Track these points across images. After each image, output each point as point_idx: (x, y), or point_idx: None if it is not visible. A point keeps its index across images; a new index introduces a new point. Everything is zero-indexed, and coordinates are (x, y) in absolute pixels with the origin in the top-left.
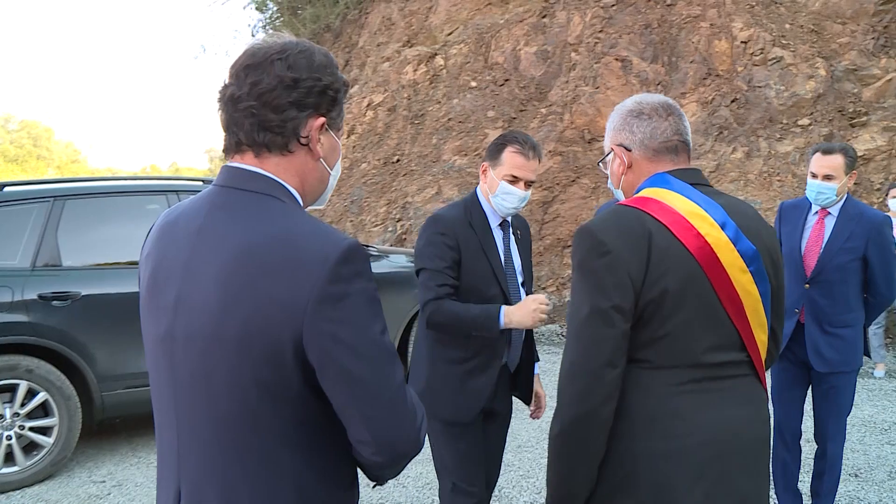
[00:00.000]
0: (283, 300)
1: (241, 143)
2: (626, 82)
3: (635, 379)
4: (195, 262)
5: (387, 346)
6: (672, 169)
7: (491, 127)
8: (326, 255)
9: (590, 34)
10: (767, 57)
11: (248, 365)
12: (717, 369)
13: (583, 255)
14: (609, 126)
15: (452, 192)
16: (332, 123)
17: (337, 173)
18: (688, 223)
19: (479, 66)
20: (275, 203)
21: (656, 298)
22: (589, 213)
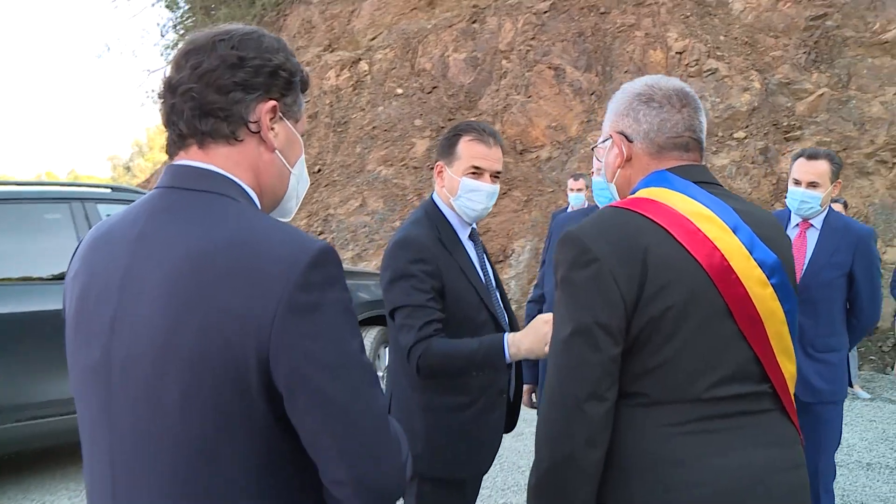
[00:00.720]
0: (245, 312)
1: (182, 135)
2: (559, 91)
3: (628, 418)
4: (135, 274)
5: (366, 366)
6: (677, 166)
7: (418, 136)
8: (295, 259)
9: (521, 41)
10: (703, 68)
11: (206, 390)
12: (730, 404)
13: (567, 265)
14: (611, 108)
15: (377, 204)
16: (288, 111)
17: (301, 175)
18: (692, 226)
19: (405, 73)
20: (228, 203)
21: (654, 318)
22: (521, 226)
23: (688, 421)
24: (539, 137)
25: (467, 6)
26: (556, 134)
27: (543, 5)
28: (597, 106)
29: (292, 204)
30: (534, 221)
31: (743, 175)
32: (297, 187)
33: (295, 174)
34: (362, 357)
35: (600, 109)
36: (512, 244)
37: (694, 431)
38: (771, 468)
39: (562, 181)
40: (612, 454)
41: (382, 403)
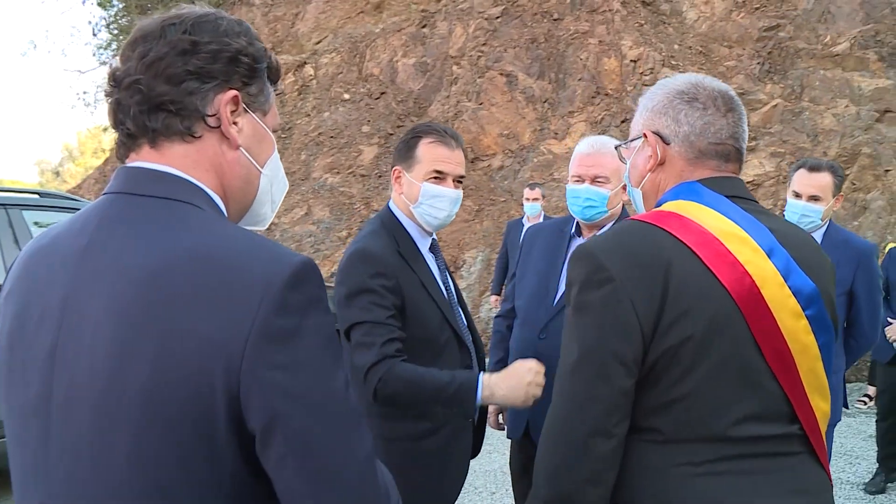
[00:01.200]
0: (211, 340)
1: (131, 134)
2: (511, 98)
3: (641, 455)
4: (80, 294)
5: (352, 404)
6: (710, 177)
7: (366, 143)
8: (271, 276)
9: (473, 47)
10: (657, 77)
11: (163, 432)
12: (754, 445)
13: (578, 284)
14: (644, 104)
15: (324, 212)
16: (253, 102)
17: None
18: (722, 247)
19: (352, 78)
20: (190, 211)
21: (673, 347)
22: (472, 236)
23: (707, 461)
24: (491, 145)
25: (416, 10)
26: (509, 142)
27: (495, 10)
28: (550, 114)
29: (266, 210)
30: (485, 231)
31: None
32: (271, 190)
33: (266, 175)
34: (347, 392)
35: (553, 117)
36: (463, 255)
37: (714, 473)
38: None
39: (514, 190)
40: (623, 494)
41: (369, 447)
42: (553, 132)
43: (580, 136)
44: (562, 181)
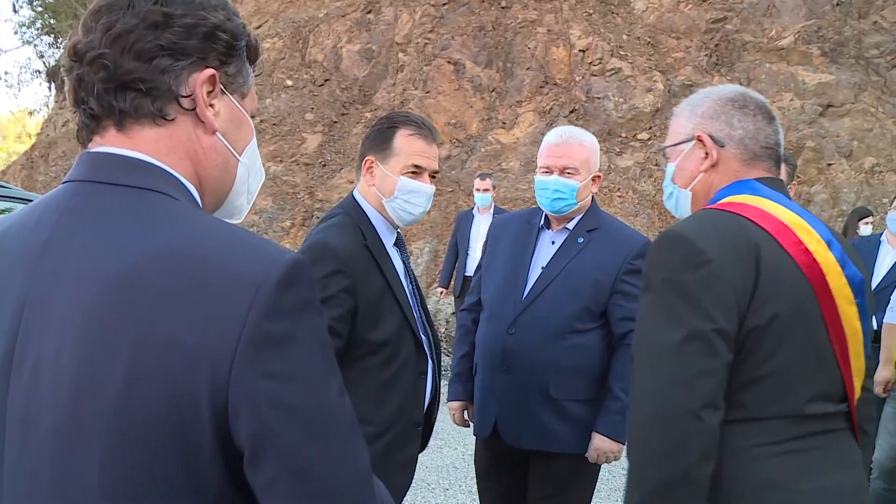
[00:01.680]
0: (195, 347)
1: (95, 115)
2: (458, 87)
3: (727, 438)
4: (40, 297)
5: (349, 415)
6: (762, 177)
7: (309, 130)
8: (262, 276)
9: (419, 34)
10: (606, 68)
11: (138, 451)
12: (817, 422)
13: (671, 267)
14: (690, 110)
15: (266, 202)
16: (231, 83)
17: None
18: (794, 235)
19: (295, 64)
20: (165, 202)
21: (762, 326)
22: (419, 227)
23: (784, 440)
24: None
25: None
26: (456, 131)
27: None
28: (498, 103)
29: (242, 201)
30: (433, 222)
31: (647, 177)
32: (249, 180)
33: (244, 163)
34: (343, 401)
35: (501, 106)
36: (410, 246)
37: (790, 451)
38: (854, 489)
39: (462, 180)
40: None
41: (366, 461)
42: (501, 122)
43: (528, 126)
44: (510, 171)
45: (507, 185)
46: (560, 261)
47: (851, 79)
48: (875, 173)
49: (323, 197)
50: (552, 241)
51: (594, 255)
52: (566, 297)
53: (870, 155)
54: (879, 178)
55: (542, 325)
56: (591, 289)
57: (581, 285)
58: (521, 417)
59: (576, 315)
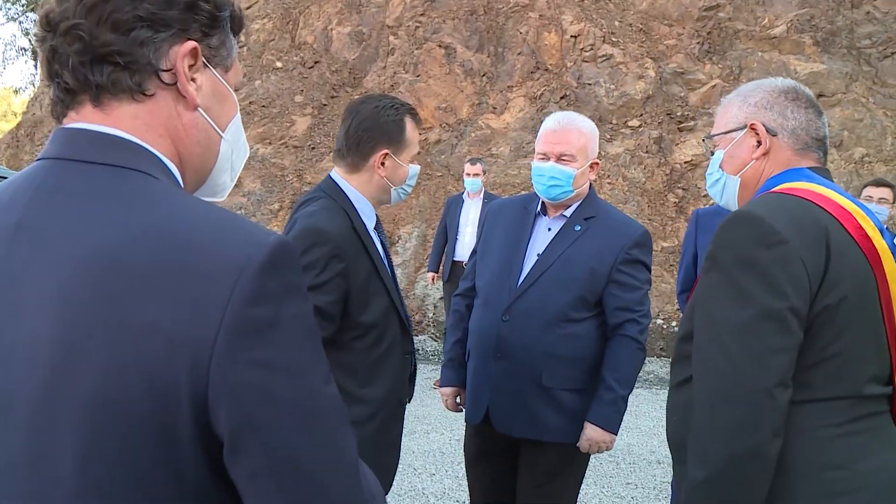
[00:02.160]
0: (174, 333)
1: (70, 89)
2: (449, 71)
3: (795, 419)
4: (13, 279)
5: (335, 404)
6: (813, 166)
7: (299, 113)
8: (245, 259)
9: (410, 17)
10: (597, 54)
11: (116, 440)
12: (871, 405)
13: (744, 245)
14: (742, 100)
15: (255, 184)
16: (214, 56)
17: (237, 141)
18: (856, 221)
19: (285, 46)
20: (145, 181)
21: (832, 307)
22: (408, 211)
23: (844, 421)
24: (428, 119)
25: None
26: (446, 116)
27: None
28: (488, 88)
29: (225, 179)
30: (421, 207)
31: (637, 164)
32: (232, 157)
33: (227, 140)
34: (330, 389)
35: (492, 91)
36: (398, 230)
37: (849, 433)
38: None
39: (451, 165)
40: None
41: (353, 451)
42: (491, 106)
43: (519, 111)
44: (500, 157)
45: (497, 171)
46: (556, 248)
47: (843, 69)
48: (865, 163)
49: (312, 180)
50: (548, 228)
51: (591, 244)
52: (561, 286)
53: (860, 145)
54: (869, 168)
55: (537, 314)
56: (586, 278)
57: (577, 274)
58: (512, 405)
59: (571, 304)
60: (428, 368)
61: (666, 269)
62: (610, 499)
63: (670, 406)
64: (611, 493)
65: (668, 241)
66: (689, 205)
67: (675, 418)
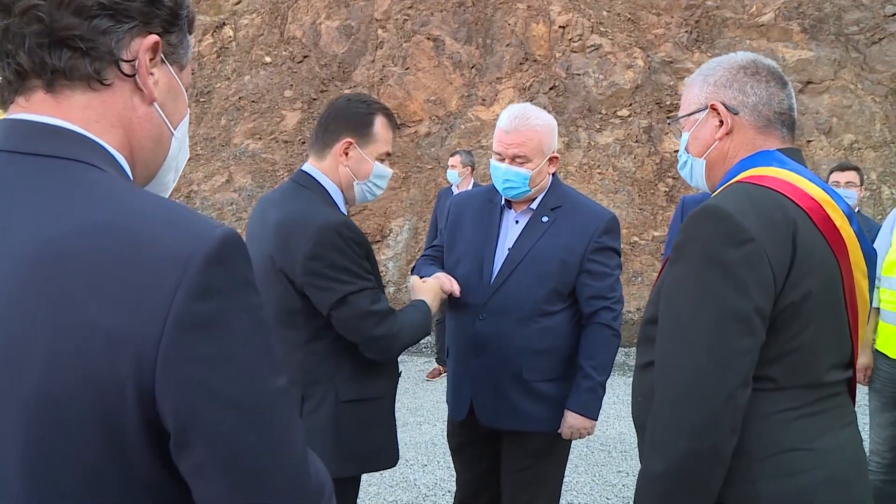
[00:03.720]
0: (118, 331)
1: (22, 72)
2: (438, 63)
3: (753, 407)
4: None
5: (283, 396)
6: (782, 147)
7: (289, 108)
8: (189, 252)
9: (398, 10)
10: (586, 44)
11: (62, 442)
12: (829, 388)
13: (712, 242)
14: (703, 80)
15: (245, 179)
16: (172, 53)
17: (184, 140)
18: (825, 212)
19: (274, 40)
20: (91, 173)
21: (796, 303)
22: (399, 204)
23: (802, 405)
24: (417, 111)
25: None
26: (436, 108)
27: None
28: (477, 80)
29: (170, 178)
30: (412, 199)
31: (627, 154)
32: (178, 157)
33: (177, 138)
34: (276, 382)
35: (481, 83)
36: (390, 223)
37: (806, 415)
38: (856, 444)
39: (441, 157)
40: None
41: (301, 442)
42: (481, 98)
43: (508, 102)
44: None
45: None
46: (526, 242)
47: (831, 55)
48: (854, 150)
49: None
50: (516, 221)
51: (560, 235)
52: (534, 281)
53: (849, 132)
54: (858, 154)
55: (512, 311)
56: (558, 271)
57: (548, 268)
58: (495, 400)
59: (544, 298)
60: (420, 361)
61: (657, 258)
62: (601, 487)
63: (636, 387)
64: (602, 482)
65: (659, 231)
66: (679, 193)
67: (639, 399)
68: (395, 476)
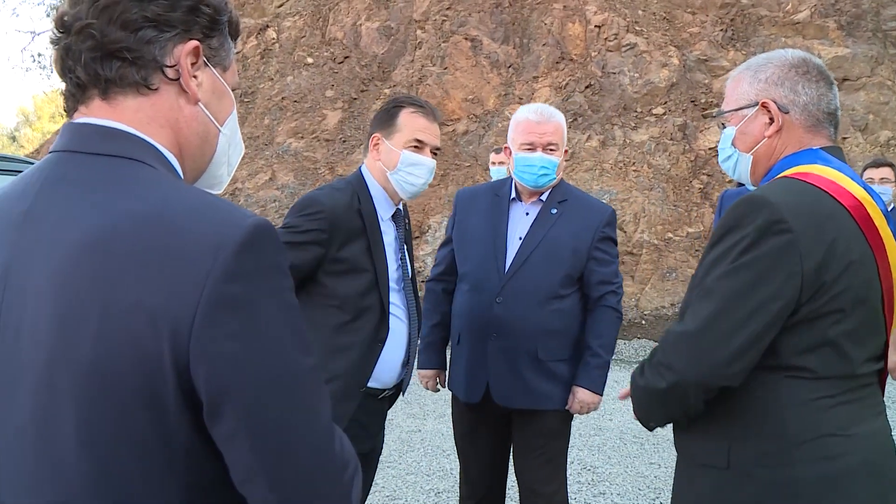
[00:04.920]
0: (158, 309)
1: (81, 84)
2: (475, 63)
3: (792, 390)
4: (21, 263)
5: (310, 373)
6: (826, 146)
7: (330, 107)
8: (221, 239)
9: (437, 11)
10: (621, 43)
11: (110, 409)
12: (863, 379)
13: (751, 227)
14: (753, 75)
15: (288, 177)
16: (214, 56)
17: (233, 136)
18: (866, 212)
19: (315, 42)
20: (142, 170)
21: (832, 298)
22: (438, 201)
23: (839, 393)
24: (455, 110)
25: None
26: (473, 107)
27: None
28: (514, 79)
29: (223, 172)
30: (450, 196)
31: (662, 151)
32: (229, 151)
33: (225, 134)
34: (305, 361)
35: (518, 82)
36: (428, 220)
37: (843, 402)
38: (887, 432)
39: (479, 155)
40: (774, 425)
41: (326, 416)
42: (518, 97)
43: (544, 101)
44: None
45: None
46: (538, 231)
47: (868, 52)
48: (890, 146)
49: (343, 172)
50: (526, 213)
51: (568, 225)
52: (549, 266)
53: (885, 128)
54: (894, 151)
55: (529, 293)
56: (570, 257)
57: (561, 254)
58: (512, 380)
59: (559, 282)
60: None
61: (691, 254)
62: (633, 478)
63: None
64: (634, 473)
65: (694, 227)
66: (714, 191)
67: None
68: (433, 465)
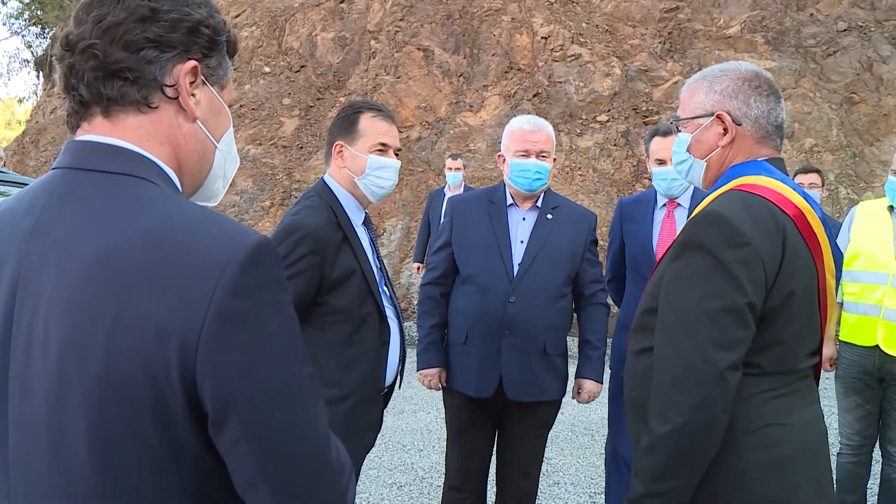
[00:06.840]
0: (166, 322)
1: (84, 101)
2: (428, 72)
3: (741, 388)
4: (30, 275)
5: (309, 383)
6: (771, 157)
7: (287, 115)
8: (227, 256)
9: (390, 22)
10: (567, 54)
11: (120, 419)
12: (801, 373)
13: (714, 243)
14: (709, 86)
15: (247, 183)
16: (212, 75)
17: (229, 151)
18: (806, 220)
19: (272, 51)
20: (144, 186)
21: (783, 300)
22: (392, 205)
23: (780, 387)
24: (409, 118)
25: None
26: (426, 114)
27: None
28: (465, 87)
29: (219, 185)
30: (405, 201)
31: (606, 157)
32: (225, 166)
33: (221, 150)
34: (303, 372)
35: (468, 91)
36: (383, 223)
37: (782, 395)
38: (821, 419)
39: (432, 161)
40: None
41: (323, 425)
42: (468, 105)
43: (494, 109)
44: (477, 152)
45: (475, 165)
46: (539, 235)
47: (792, 65)
48: (814, 153)
49: (300, 178)
50: (523, 218)
51: (564, 230)
52: (553, 267)
53: (809, 136)
54: (818, 157)
55: (539, 293)
56: (568, 258)
57: (561, 256)
58: (522, 374)
59: (562, 281)
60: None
61: None
62: (585, 468)
63: (629, 369)
64: (586, 463)
65: None
66: None
67: (633, 382)
68: (394, 460)
